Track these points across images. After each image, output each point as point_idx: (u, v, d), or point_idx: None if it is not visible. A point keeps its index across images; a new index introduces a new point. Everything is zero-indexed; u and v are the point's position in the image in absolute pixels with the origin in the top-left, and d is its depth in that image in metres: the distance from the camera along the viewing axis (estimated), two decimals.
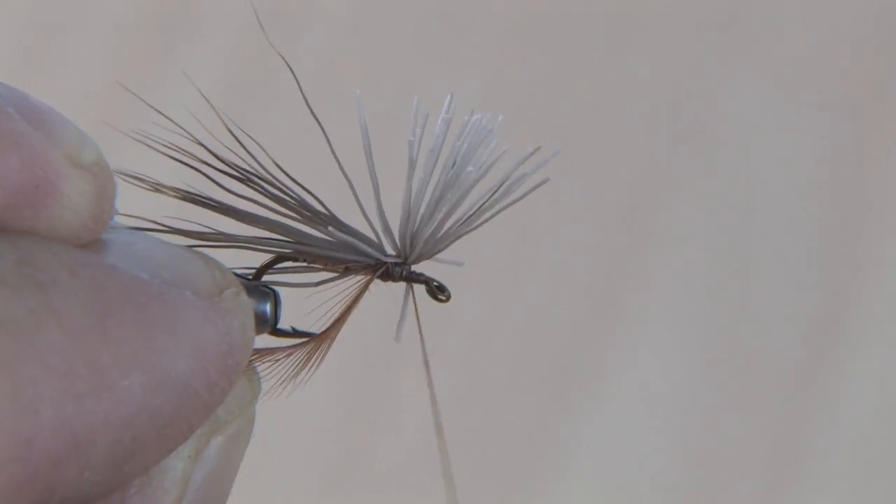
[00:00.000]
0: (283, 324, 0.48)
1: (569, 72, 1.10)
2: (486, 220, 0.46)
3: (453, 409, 1.00)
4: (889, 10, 1.10)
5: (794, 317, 1.03)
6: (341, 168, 0.47)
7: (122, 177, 0.45)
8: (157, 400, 0.38)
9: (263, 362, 0.47)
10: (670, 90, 1.10)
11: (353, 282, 0.48)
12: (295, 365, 0.47)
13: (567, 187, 1.02)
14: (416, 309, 0.47)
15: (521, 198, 0.44)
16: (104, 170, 0.41)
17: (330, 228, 0.45)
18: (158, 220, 0.45)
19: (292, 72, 0.49)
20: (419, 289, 0.48)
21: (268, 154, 0.47)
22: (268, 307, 0.46)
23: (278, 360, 0.47)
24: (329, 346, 0.48)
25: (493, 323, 1.02)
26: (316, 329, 0.48)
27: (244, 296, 0.41)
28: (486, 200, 0.45)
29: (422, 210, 0.46)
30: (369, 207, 0.47)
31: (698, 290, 1.04)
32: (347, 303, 0.48)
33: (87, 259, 0.39)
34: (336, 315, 0.48)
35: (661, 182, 1.07)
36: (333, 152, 0.47)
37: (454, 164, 0.45)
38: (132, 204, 0.45)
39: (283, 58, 0.51)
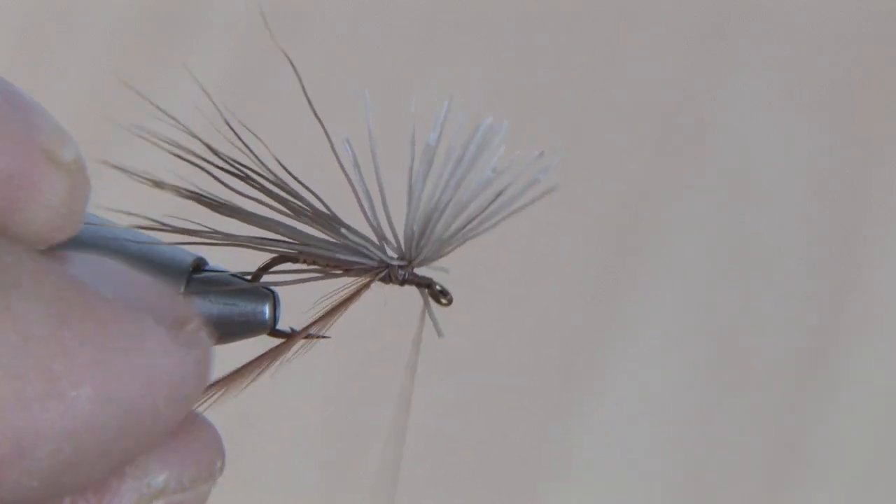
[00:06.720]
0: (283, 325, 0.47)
1: (569, 72, 1.09)
2: (496, 224, 0.45)
3: (453, 410, 1.00)
4: (889, 12, 1.10)
5: (793, 318, 1.04)
6: (343, 169, 0.46)
7: (124, 172, 0.45)
8: (102, 416, 0.38)
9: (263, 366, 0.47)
10: (670, 92, 1.10)
11: (352, 283, 0.47)
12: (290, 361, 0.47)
13: (567, 189, 1.02)
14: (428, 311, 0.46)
15: (531, 203, 0.44)
16: (81, 170, 0.40)
17: (342, 230, 0.45)
18: (158, 219, 0.45)
19: (294, 68, 0.49)
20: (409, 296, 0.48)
21: (269, 150, 0.47)
22: (266, 308, 0.46)
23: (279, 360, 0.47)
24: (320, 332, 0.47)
25: (493, 324, 1.02)
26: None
27: (204, 333, 0.41)
28: (494, 203, 0.44)
29: (429, 213, 0.45)
30: (371, 209, 0.46)
31: (698, 291, 1.04)
32: (339, 300, 0.47)
33: (52, 267, 0.39)
34: (325, 311, 0.47)
35: (661, 184, 1.07)
36: (335, 153, 0.47)
37: (460, 166, 0.44)
38: (133, 203, 0.44)
39: (285, 53, 0.50)
